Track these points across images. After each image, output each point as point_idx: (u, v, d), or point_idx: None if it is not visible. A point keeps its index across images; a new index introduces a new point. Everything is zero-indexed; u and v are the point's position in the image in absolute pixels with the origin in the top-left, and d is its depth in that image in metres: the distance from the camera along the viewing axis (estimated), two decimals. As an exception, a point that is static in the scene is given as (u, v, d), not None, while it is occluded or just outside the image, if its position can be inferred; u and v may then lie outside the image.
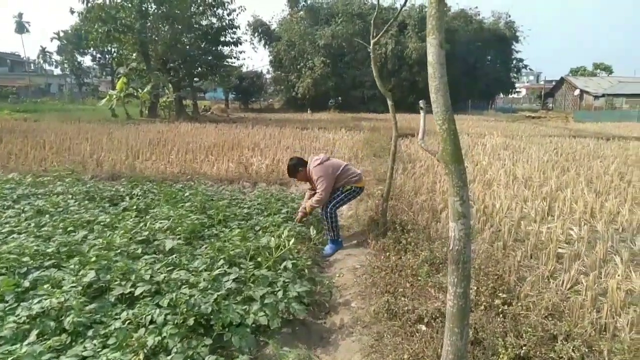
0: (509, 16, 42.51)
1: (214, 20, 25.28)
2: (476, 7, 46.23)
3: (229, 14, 25.38)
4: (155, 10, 22.80)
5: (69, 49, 49.69)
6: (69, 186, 6.18)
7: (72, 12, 21.90)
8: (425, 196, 6.16)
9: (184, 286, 2.92)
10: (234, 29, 26.24)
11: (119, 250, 3.56)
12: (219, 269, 3.19)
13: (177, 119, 21.47)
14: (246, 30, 41.10)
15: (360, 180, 4.86)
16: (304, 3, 40.89)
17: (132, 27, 21.55)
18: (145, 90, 22.62)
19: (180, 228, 4.26)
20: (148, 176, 7.36)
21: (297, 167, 4.84)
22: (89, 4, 21.23)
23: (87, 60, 52.68)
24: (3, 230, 4.21)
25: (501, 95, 50.70)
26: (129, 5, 21.77)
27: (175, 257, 3.50)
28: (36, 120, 19.16)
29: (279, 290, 3.03)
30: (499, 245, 4.32)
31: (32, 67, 68.44)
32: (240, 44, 27.20)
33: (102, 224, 4.45)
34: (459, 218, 1.93)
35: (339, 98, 39.53)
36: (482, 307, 2.99)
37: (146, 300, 2.78)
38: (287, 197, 6.09)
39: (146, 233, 4.08)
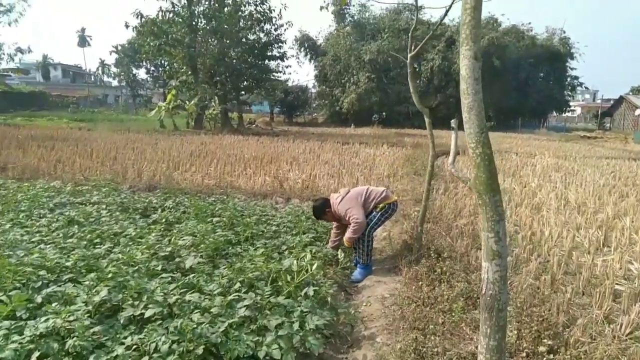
0: (564, 32, 40.83)
1: (261, 35, 25.87)
2: (529, 23, 44.44)
3: (276, 29, 25.95)
4: (205, 25, 23.61)
5: (125, 61, 52.09)
6: (105, 196, 6.24)
7: (126, 26, 22.99)
8: (466, 220, 5.76)
9: (196, 310, 2.75)
10: (280, 44, 26.77)
11: (137, 267, 3.44)
12: (235, 293, 2.99)
13: (222, 131, 21.87)
14: (293, 45, 41.78)
15: (388, 196, 4.56)
16: (350, 19, 41.11)
17: (182, 41, 22.39)
18: (192, 103, 23.30)
19: (203, 245, 4.12)
20: (183, 188, 7.35)
21: (324, 208, 4.58)
22: (143, 19, 22.27)
23: (141, 73, 55.11)
24: (33, 240, 4.21)
25: (554, 113, 48.46)
26: (180, 20, 22.69)
27: (193, 277, 3.34)
28: (90, 129, 20.11)
29: (296, 321, 2.79)
30: (546, 279, 3.89)
31: (92, 79, 72.50)
32: (287, 58, 27.72)
33: (128, 236, 4.39)
34: (493, 258, 1.64)
35: (383, 113, 39.09)
36: (524, 354, 2.63)
37: (155, 325, 2.61)
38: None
39: (169, 249, 3.97)
